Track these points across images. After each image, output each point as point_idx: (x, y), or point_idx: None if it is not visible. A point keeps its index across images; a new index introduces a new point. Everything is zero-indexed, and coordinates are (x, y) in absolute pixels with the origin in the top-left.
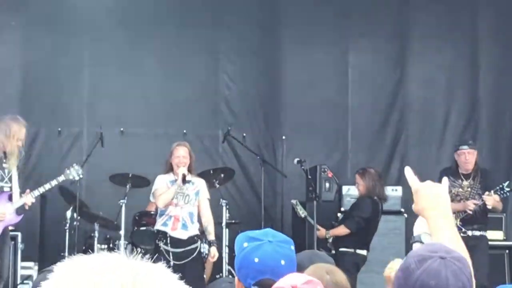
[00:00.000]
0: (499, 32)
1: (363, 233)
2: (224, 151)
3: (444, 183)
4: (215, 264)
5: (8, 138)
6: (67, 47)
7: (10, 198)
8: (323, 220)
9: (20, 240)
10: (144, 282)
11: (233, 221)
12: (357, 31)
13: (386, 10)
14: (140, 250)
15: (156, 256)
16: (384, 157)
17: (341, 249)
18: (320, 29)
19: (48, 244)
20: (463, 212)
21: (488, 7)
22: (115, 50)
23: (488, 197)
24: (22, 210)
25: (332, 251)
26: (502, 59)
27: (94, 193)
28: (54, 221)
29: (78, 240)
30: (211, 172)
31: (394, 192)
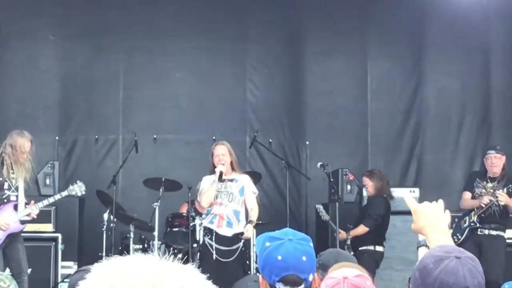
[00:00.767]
0: (508, 42)
1: (379, 230)
2: (251, 156)
3: (439, 203)
4: (243, 263)
5: (14, 151)
6: (103, 59)
7: (16, 208)
8: (345, 220)
9: (60, 241)
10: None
11: (260, 222)
12: (375, 42)
13: (402, 22)
14: (173, 249)
15: (199, 250)
16: (401, 160)
17: (360, 248)
18: (340, 41)
19: (86, 244)
20: (480, 209)
21: (498, 19)
22: (148, 61)
23: (501, 193)
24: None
25: (351, 252)
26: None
27: (129, 196)
28: (92, 223)
29: (115, 241)
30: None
31: (412, 193)
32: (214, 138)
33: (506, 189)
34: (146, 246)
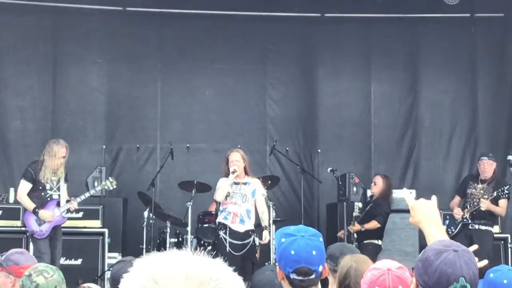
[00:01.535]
0: (494, 61)
1: (384, 226)
2: (271, 162)
3: (433, 200)
4: (263, 253)
5: (51, 157)
6: (142, 79)
7: (58, 204)
8: (351, 216)
9: (107, 236)
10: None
11: (278, 219)
12: (377, 65)
13: (401, 48)
14: (204, 242)
15: (214, 243)
16: (400, 166)
17: (365, 241)
18: (348, 63)
19: (129, 238)
20: (472, 207)
21: (484, 44)
22: (181, 81)
23: (484, 201)
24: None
25: (354, 243)
26: (497, 84)
27: (166, 197)
28: (134, 220)
29: (154, 235)
30: (260, 179)
31: (410, 194)
32: (239, 146)
33: (496, 193)
34: (180, 239)
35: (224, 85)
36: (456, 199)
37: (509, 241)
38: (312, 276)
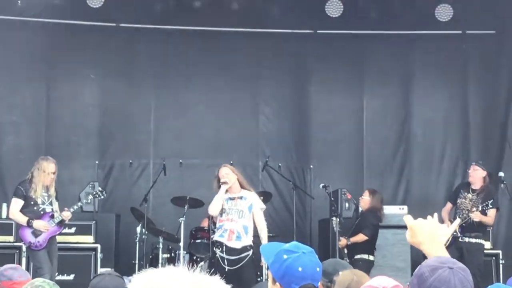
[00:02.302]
0: (484, 77)
1: (372, 240)
2: (263, 178)
3: (434, 217)
4: (257, 265)
5: (41, 173)
6: (136, 94)
7: (53, 217)
8: (344, 232)
9: (99, 251)
10: None
11: (271, 234)
12: (370, 82)
13: (393, 65)
14: (196, 258)
15: (211, 261)
16: (392, 182)
17: (356, 256)
18: (340, 79)
19: (122, 254)
20: (462, 220)
21: (476, 58)
22: (174, 97)
23: (475, 212)
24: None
25: (345, 259)
26: (487, 100)
27: (158, 212)
28: (127, 235)
29: (146, 250)
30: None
31: (401, 210)
32: (232, 162)
33: (481, 207)
34: (173, 255)
35: (217, 101)
36: (448, 206)
37: (500, 257)
38: None
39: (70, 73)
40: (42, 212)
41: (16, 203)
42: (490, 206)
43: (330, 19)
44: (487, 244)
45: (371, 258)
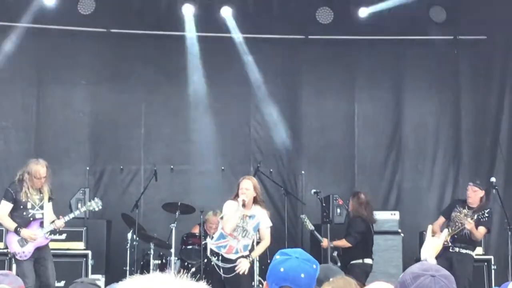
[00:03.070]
0: (476, 83)
1: (363, 244)
2: None
3: (429, 231)
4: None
5: (31, 177)
6: (126, 100)
7: (42, 225)
8: (335, 238)
9: (90, 257)
10: None
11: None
12: (361, 87)
13: (384, 70)
14: (187, 264)
15: (206, 269)
16: (384, 187)
17: (351, 262)
18: (331, 84)
19: (113, 260)
20: (454, 230)
21: (467, 63)
22: (165, 103)
23: (469, 221)
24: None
25: (338, 263)
26: (480, 106)
27: (149, 218)
28: (118, 241)
29: (137, 257)
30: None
31: (393, 216)
32: (223, 168)
33: (477, 216)
34: (164, 261)
35: (208, 107)
36: (440, 220)
37: (492, 262)
38: None
39: (60, 79)
40: (31, 219)
41: (5, 206)
42: (487, 215)
43: (322, 24)
44: (479, 250)
45: (366, 261)
